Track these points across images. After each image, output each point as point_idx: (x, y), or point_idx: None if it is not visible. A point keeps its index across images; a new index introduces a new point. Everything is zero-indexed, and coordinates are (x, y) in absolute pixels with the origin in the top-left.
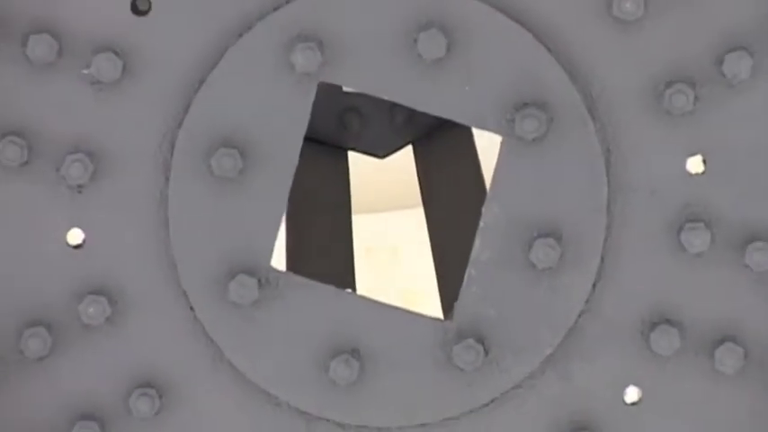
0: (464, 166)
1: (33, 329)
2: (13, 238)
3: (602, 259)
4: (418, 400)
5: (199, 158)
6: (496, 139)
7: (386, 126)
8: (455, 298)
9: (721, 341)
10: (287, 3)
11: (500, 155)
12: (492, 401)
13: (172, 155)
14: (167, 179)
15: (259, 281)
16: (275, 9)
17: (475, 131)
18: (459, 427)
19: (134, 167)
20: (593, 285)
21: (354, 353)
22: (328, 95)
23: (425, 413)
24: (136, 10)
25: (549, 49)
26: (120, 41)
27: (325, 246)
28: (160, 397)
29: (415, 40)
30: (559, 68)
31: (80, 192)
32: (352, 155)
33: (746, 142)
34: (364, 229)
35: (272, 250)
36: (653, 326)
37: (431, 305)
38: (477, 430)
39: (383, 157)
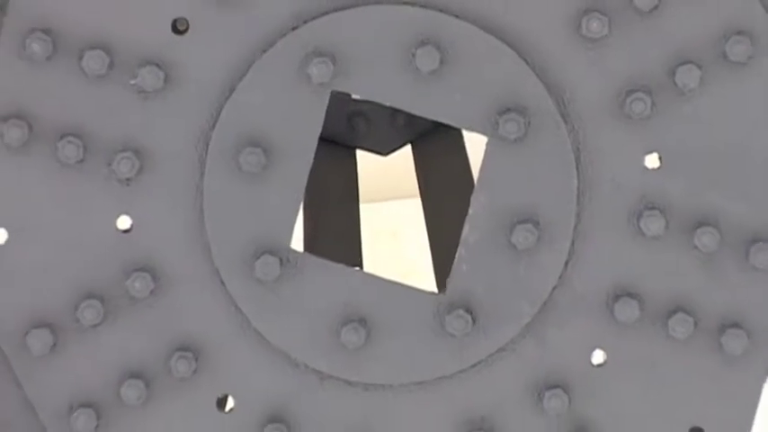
0: (455, 163)
1: (88, 301)
2: (72, 223)
3: (573, 242)
4: (416, 361)
5: (229, 156)
6: (483, 140)
7: (388, 128)
8: (447, 274)
9: (674, 311)
10: (303, 23)
11: (486, 153)
12: (479, 363)
13: (206, 153)
14: (202, 174)
15: (280, 260)
16: (293, 29)
17: (464, 133)
18: (451, 385)
19: (174, 164)
20: (565, 264)
21: (361, 321)
22: (339, 102)
23: (422, 372)
24: (176, 30)
25: (527, 63)
26: (162, 56)
27: (336, 230)
28: (196, 359)
29: (413, 55)
30: (536, 79)
31: (128, 184)
32: (359, 152)
33: (696, 141)
34: (369, 215)
35: (291, 234)
36: (616, 298)
37: (427, 281)
38: (467, 387)
39: (386, 154)
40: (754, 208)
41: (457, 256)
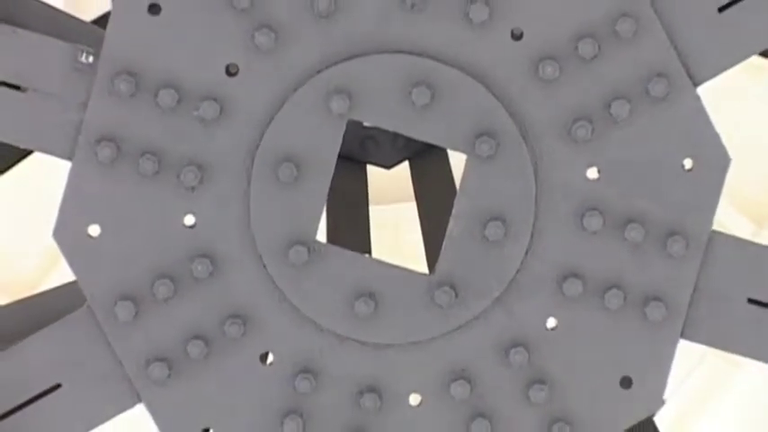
0: (442, 174)
1: (162, 280)
2: (149, 220)
3: (532, 235)
4: (412, 326)
5: (269, 169)
6: (463, 156)
7: (391, 148)
8: (436, 260)
9: (609, 288)
10: (326, 68)
11: (465, 167)
12: (459, 327)
13: (252, 167)
14: (249, 183)
15: (308, 249)
16: (318, 72)
17: (449, 151)
18: (439, 344)
19: (227, 175)
20: (526, 252)
21: (371, 295)
22: (354, 127)
23: (417, 334)
24: (228, 73)
25: (497, 98)
26: (218, 93)
27: (351, 226)
28: (244, 324)
29: (410, 93)
30: (504, 111)
31: (192, 191)
32: (368, 166)
33: (626, 158)
34: (376, 214)
35: (317, 229)
36: (564, 278)
37: (420, 265)
38: (451, 345)
39: (389, 167)
40: (669, 210)
41: (443, 245)
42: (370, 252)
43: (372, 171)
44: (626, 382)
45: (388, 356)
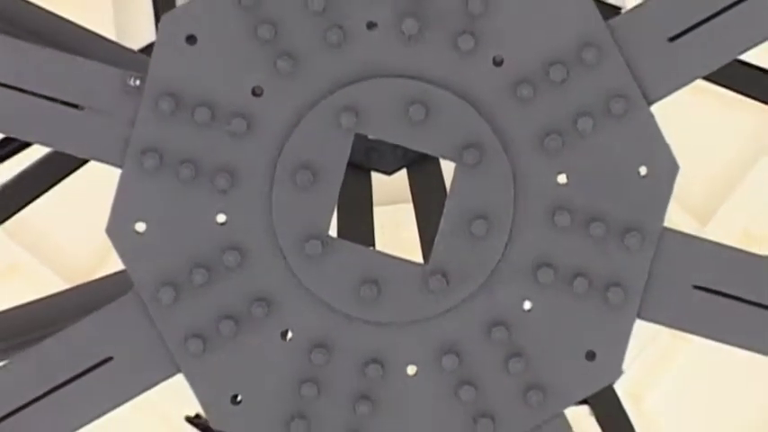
0: (434, 180)
1: (198, 269)
2: (187, 218)
3: (511, 231)
4: (410, 307)
5: (288, 175)
6: (452, 164)
7: (392, 157)
8: (430, 252)
9: (576, 276)
10: (337, 90)
11: (454, 173)
12: (449, 309)
13: (274, 174)
14: (272, 187)
15: (322, 242)
16: (330, 93)
17: (441, 160)
18: (432, 323)
19: (253, 180)
20: (506, 245)
21: (374, 282)
22: (360, 140)
23: (413, 314)
24: (254, 94)
25: (480, 115)
26: (246, 111)
27: (357, 223)
28: (267, 306)
29: (408, 110)
30: (487, 126)
31: (224, 194)
32: (372, 173)
33: (590, 166)
34: (379, 213)
35: (329, 225)
36: (538, 267)
37: (417, 256)
38: (443, 324)
39: (390, 173)
40: (627, 210)
41: (436, 240)
42: (373, 245)
43: (375, 177)
44: (590, 356)
45: (389, 333)
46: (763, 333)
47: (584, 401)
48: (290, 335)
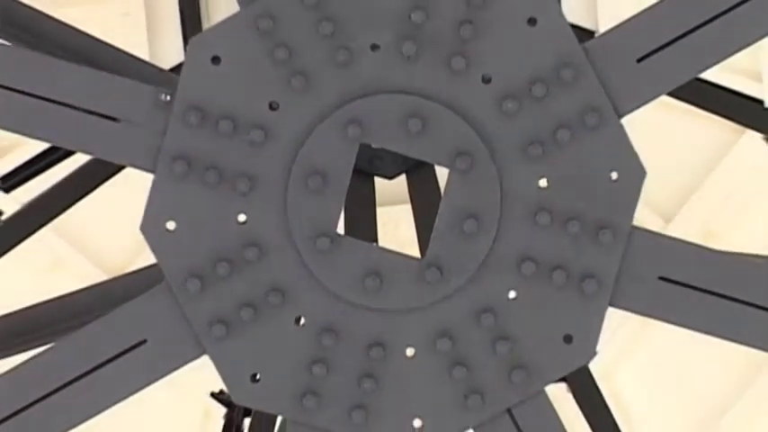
0: (430, 184)
1: (221, 263)
2: (211, 218)
3: (498, 229)
4: (408, 296)
5: (301, 180)
6: (446, 170)
7: (392, 163)
8: (426, 248)
9: (555, 269)
10: (344, 104)
11: (448, 178)
12: (443, 298)
13: (289, 179)
14: (286, 190)
15: (331, 239)
16: (338, 107)
17: (436, 166)
18: (428, 310)
19: (270, 184)
20: (493, 242)
21: (377, 274)
22: (364, 148)
23: (412, 303)
24: (271, 108)
25: (471, 126)
26: (264, 122)
27: (362, 223)
28: (283, 296)
29: (407, 123)
30: (476, 135)
31: (244, 196)
32: (375, 177)
33: (568, 171)
34: (381, 213)
35: (337, 224)
36: (522, 261)
37: (414, 252)
38: (439, 311)
39: (391, 178)
40: (600, 210)
41: (431, 237)
42: (376, 241)
43: (378, 180)
44: (568, 339)
45: (390, 319)
46: (721, 319)
47: (562, 379)
48: (302, 321)
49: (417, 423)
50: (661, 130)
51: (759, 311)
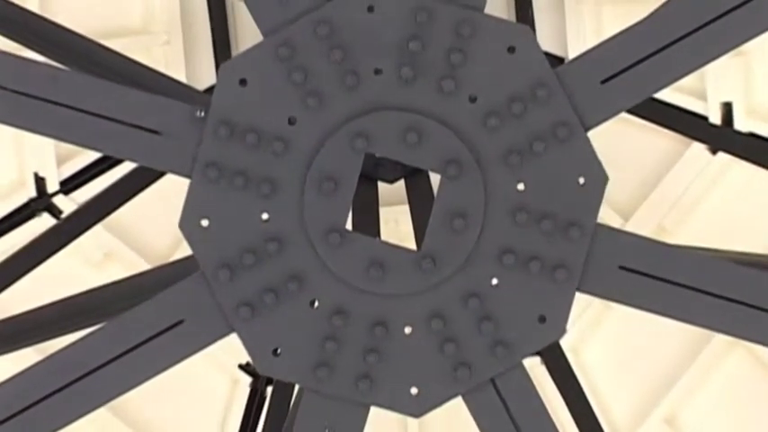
0: (425, 188)
1: (247, 255)
2: (238, 216)
3: (482, 227)
4: (407, 283)
5: (315, 185)
6: (438, 176)
7: (393, 170)
8: (422, 242)
9: (531, 260)
10: (351, 120)
11: (440, 183)
12: (437, 284)
13: (305, 184)
14: (303, 193)
15: (340, 234)
16: (346, 123)
17: (430, 173)
18: (424, 294)
19: (289, 188)
20: (478, 237)
21: (380, 264)
22: (369, 157)
23: (410, 289)
24: (290, 122)
25: (459, 139)
26: (283, 135)
27: (366, 221)
28: (299, 282)
29: (405, 136)
30: (464, 147)
31: (267, 198)
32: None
33: (543, 177)
34: (383, 212)
35: (346, 222)
36: (503, 253)
37: (412, 245)
38: (432, 295)
39: (392, 183)
40: (570, 210)
41: (426, 232)
42: (379, 236)
43: (380, 185)
44: (542, 319)
45: (391, 302)
46: (670, 302)
47: (537, 353)
48: (316, 304)
49: (414, 390)
50: (621, 142)
51: (702, 295)
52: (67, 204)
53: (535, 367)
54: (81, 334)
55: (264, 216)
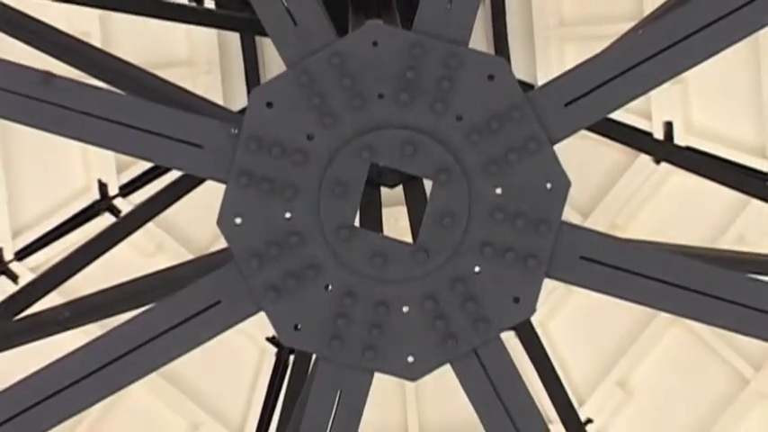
0: (419, 191)
1: (273, 246)
2: (266, 216)
3: (467, 224)
4: (404, 270)
5: (329, 189)
6: (430, 182)
7: (393, 176)
8: (417, 237)
9: (507, 251)
10: (359, 136)
11: (432, 187)
12: (429, 272)
13: (321, 189)
14: (319, 196)
15: (349, 230)
16: (354, 138)
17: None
18: (418, 280)
19: (307, 192)
20: (463, 232)
21: (383, 255)
22: (373, 166)
23: (407, 275)
24: (308, 138)
25: (448, 151)
26: (304, 148)
27: (371, 219)
28: (316, 270)
29: (403, 149)
30: (452, 158)
31: (289, 200)
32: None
33: (517, 183)
34: (385, 212)
35: (354, 220)
36: (484, 246)
37: (409, 239)
38: (425, 280)
39: (392, 187)
40: (539, 210)
41: (420, 229)
42: (382, 232)
43: (383, 189)
44: (516, 300)
45: (391, 287)
46: (622, 286)
47: (512, 328)
48: (329, 287)
49: (410, 359)
50: (582, 154)
51: (648, 280)
52: (125, 205)
53: (510, 339)
54: (136, 313)
55: (287, 215)
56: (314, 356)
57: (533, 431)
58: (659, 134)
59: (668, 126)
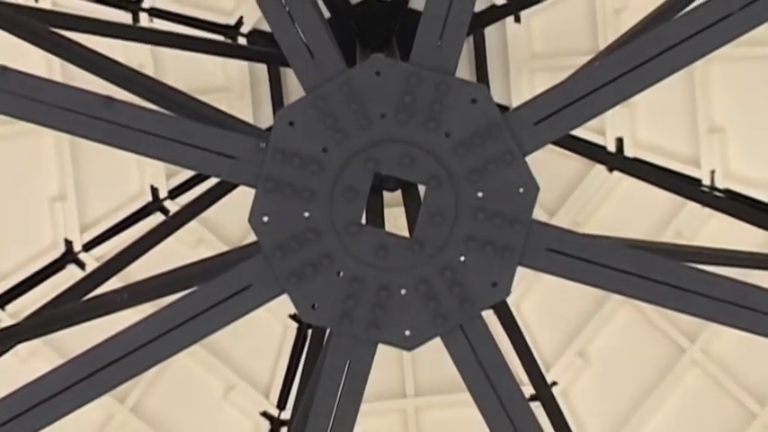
0: (415, 195)
1: (294, 240)
2: (288, 215)
3: (453, 222)
4: (403, 260)
5: (341, 193)
6: (424, 187)
7: (393, 183)
8: (413, 232)
9: (487, 244)
10: (366, 149)
11: (425, 191)
12: (422, 261)
13: (333, 193)
14: (332, 199)
15: (357, 227)
16: (362, 151)
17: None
18: (414, 268)
19: (322, 196)
20: (451, 228)
21: (384, 247)
22: (377, 174)
23: (404, 263)
24: (323, 150)
25: (438, 163)
26: (319, 159)
27: (375, 218)
28: (329, 259)
29: (402, 160)
30: (441, 168)
31: (307, 202)
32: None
33: (495, 188)
34: (387, 212)
35: (361, 218)
36: (468, 239)
37: (406, 234)
38: (419, 268)
39: (393, 191)
40: (514, 210)
41: (416, 226)
42: (384, 228)
43: (385, 194)
44: (494, 284)
45: (391, 273)
46: (582, 272)
47: (491, 307)
48: (341, 274)
49: (407, 333)
50: (549, 163)
51: (603, 268)
52: (173, 206)
53: (489, 316)
54: (182, 294)
55: (306, 214)
56: (328, 331)
57: (507, 389)
58: (612, 147)
59: (619, 141)
